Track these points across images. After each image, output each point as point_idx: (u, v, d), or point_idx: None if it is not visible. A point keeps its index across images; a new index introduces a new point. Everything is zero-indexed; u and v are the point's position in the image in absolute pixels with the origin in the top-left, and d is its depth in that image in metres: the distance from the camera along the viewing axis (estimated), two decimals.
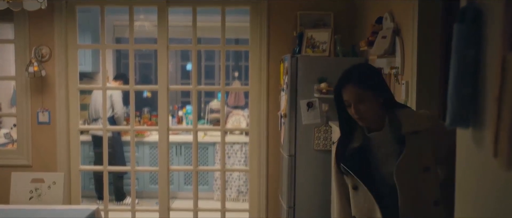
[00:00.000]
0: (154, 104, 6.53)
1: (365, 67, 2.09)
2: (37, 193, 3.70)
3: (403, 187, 1.91)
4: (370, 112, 1.91)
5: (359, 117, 1.91)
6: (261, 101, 4.18)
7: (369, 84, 1.91)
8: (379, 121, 1.94)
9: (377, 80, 1.97)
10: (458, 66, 1.17)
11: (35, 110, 4.20)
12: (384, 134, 1.94)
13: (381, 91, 1.94)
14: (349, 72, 1.96)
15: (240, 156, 6.38)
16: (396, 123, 1.91)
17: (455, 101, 1.20)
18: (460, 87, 1.19)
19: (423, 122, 1.92)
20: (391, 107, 1.95)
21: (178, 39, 7.22)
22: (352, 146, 2.00)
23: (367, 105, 1.89)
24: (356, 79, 1.91)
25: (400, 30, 2.85)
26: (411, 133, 1.89)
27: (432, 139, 1.90)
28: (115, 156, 5.95)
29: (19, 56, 4.17)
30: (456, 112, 1.22)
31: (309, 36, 3.89)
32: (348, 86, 1.91)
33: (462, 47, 1.16)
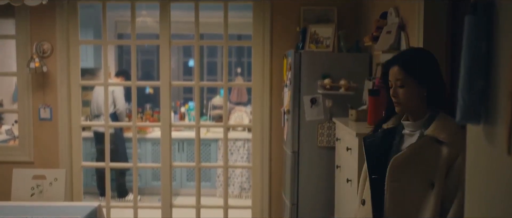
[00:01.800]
0: (156, 100, 6.52)
1: (419, 53, 1.94)
2: (39, 190, 3.68)
3: (395, 190, 1.80)
4: (408, 99, 1.82)
5: (396, 100, 1.84)
6: (264, 97, 4.15)
7: (416, 71, 1.81)
8: (418, 113, 1.85)
9: (428, 70, 1.84)
10: (469, 59, 1.14)
11: (37, 106, 4.17)
12: (415, 126, 1.86)
13: (429, 83, 1.82)
14: (401, 54, 1.90)
15: (243, 152, 6.35)
16: (430, 122, 1.81)
17: (466, 95, 1.16)
18: (471, 81, 1.16)
19: (452, 135, 1.76)
20: (439, 106, 1.83)
21: (180, 35, 7.19)
22: (385, 125, 1.96)
23: (406, 92, 1.81)
24: (403, 62, 1.83)
25: (405, 25, 2.81)
26: (434, 138, 1.77)
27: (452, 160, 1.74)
28: (117, 153, 5.93)
29: (21, 52, 4.15)
30: (467, 107, 1.18)
31: (312, 32, 3.85)
32: (394, 66, 1.84)
33: (474, 39, 1.12)
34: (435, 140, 1.76)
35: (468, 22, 1.12)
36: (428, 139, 1.78)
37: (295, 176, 3.67)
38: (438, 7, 2.51)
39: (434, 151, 1.76)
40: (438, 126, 1.78)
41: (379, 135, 1.95)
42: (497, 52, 1.22)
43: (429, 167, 1.76)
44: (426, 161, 1.77)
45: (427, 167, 1.76)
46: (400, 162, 1.80)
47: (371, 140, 1.97)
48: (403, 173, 1.79)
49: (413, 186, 1.78)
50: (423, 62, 1.85)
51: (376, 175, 1.87)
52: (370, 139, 1.97)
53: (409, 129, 1.88)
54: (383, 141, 1.92)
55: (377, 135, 1.96)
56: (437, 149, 1.76)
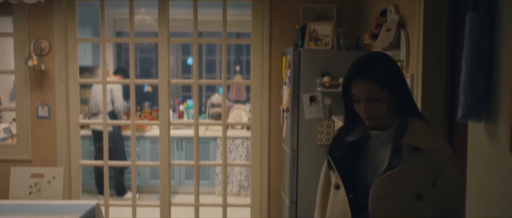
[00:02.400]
0: (154, 99, 6.50)
1: (384, 60, 1.73)
2: (37, 188, 3.66)
3: (380, 208, 1.66)
4: (381, 112, 1.68)
5: (367, 116, 1.68)
6: (263, 95, 4.14)
7: (386, 82, 1.65)
8: (388, 121, 1.72)
9: (396, 77, 1.70)
10: (471, 57, 1.13)
11: (35, 104, 4.16)
12: (385, 136, 1.72)
13: (399, 90, 1.69)
14: (364, 64, 1.69)
15: (241, 150, 6.34)
16: (403, 130, 1.69)
17: (468, 93, 1.16)
18: (473, 79, 1.15)
19: (431, 140, 1.68)
20: (406, 111, 1.72)
21: (179, 33, 7.18)
22: (349, 138, 1.79)
23: (380, 105, 1.66)
24: (371, 74, 1.65)
25: (405, 22, 2.80)
26: (412, 147, 1.65)
27: (435, 166, 1.65)
28: (116, 151, 5.92)
29: (18, 50, 4.13)
30: (469, 105, 1.17)
31: (311, 29, 3.84)
32: (360, 80, 1.66)
33: (476, 36, 1.11)
34: (413, 148, 1.65)
35: (470, 19, 1.11)
36: (407, 148, 1.65)
37: (294, 174, 3.66)
38: (438, 4, 2.49)
39: (416, 161, 1.65)
40: (414, 133, 1.67)
41: (346, 149, 1.79)
42: (499, 50, 1.20)
43: (414, 178, 1.65)
44: (409, 173, 1.65)
45: (412, 179, 1.65)
46: (385, 180, 1.66)
47: (339, 155, 1.81)
48: (387, 190, 1.66)
49: (399, 201, 1.67)
50: (390, 67, 1.70)
51: (352, 192, 1.74)
52: (337, 154, 1.82)
53: (378, 139, 1.75)
54: (352, 155, 1.78)
55: (343, 149, 1.80)
56: (418, 157, 1.65)
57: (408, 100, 1.74)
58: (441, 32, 2.46)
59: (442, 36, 2.48)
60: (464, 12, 1.65)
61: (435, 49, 2.46)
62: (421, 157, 1.64)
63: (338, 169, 1.78)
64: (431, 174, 1.66)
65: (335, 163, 1.80)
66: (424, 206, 1.66)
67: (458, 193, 1.70)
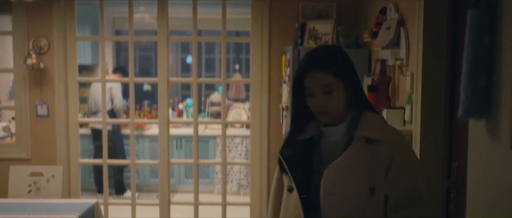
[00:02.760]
0: (154, 98, 6.49)
1: (338, 51, 1.66)
2: (36, 187, 3.66)
3: (331, 204, 1.58)
4: (338, 106, 1.60)
5: (323, 111, 1.60)
6: (262, 93, 4.13)
7: (342, 72, 1.59)
8: (341, 116, 1.64)
9: (351, 68, 1.64)
10: (472, 55, 1.12)
11: (34, 102, 4.15)
12: (338, 131, 1.64)
13: (353, 82, 1.62)
14: (318, 55, 1.61)
15: (241, 149, 6.34)
16: (356, 124, 1.62)
17: (468, 91, 1.15)
18: (474, 76, 1.14)
19: (383, 131, 1.62)
20: (358, 104, 1.65)
21: (178, 32, 7.16)
22: (301, 137, 1.69)
23: (336, 98, 1.58)
24: (327, 65, 1.57)
25: (405, 21, 2.79)
26: (365, 140, 1.59)
27: (389, 158, 1.58)
28: (115, 150, 5.91)
29: (17, 48, 4.12)
30: (469, 103, 1.16)
31: (311, 28, 3.84)
32: (315, 71, 1.57)
33: (476, 34, 1.11)
34: (366, 140, 1.59)
35: (470, 17, 1.11)
36: (359, 141, 1.60)
37: None
38: (438, 2, 2.48)
39: (368, 153, 1.58)
40: (366, 125, 1.61)
41: (299, 148, 1.69)
42: (499, 48, 1.20)
43: (366, 171, 1.58)
44: (361, 165, 1.59)
45: (364, 172, 1.58)
46: (335, 172, 1.59)
47: (291, 154, 1.70)
48: (338, 184, 1.59)
49: (351, 196, 1.59)
50: (345, 58, 1.65)
51: (305, 194, 1.63)
52: (289, 153, 1.71)
53: (332, 135, 1.67)
54: (304, 154, 1.68)
55: (296, 148, 1.70)
56: (371, 150, 1.59)
57: (361, 94, 1.68)
58: (441, 31, 2.45)
59: (442, 34, 2.47)
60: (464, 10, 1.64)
61: (435, 48, 2.45)
62: (374, 149, 1.58)
63: (291, 170, 1.67)
64: (384, 166, 1.59)
65: (288, 164, 1.68)
66: (377, 201, 1.58)
67: (413, 184, 1.60)
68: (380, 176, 1.58)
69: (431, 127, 2.45)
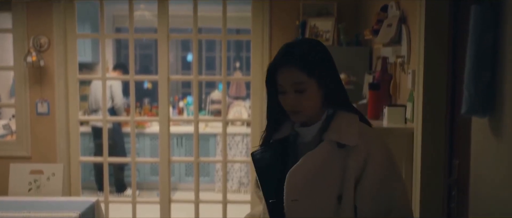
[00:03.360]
0: (154, 96, 6.47)
1: (315, 47, 1.52)
2: (36, 185, 3.65)
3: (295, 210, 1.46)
4: (311, 106, 1.48)
5: (293, 110, 1.48)
6: (263, 91, 4.12)
7: (317, 70, 1.46)
8: (316, 115, 1.52)
9: (328, 65, 1.50)
10: (475, 51, 1.11)
11: (34, 100, 4.14)
12: (311, 132, 1.53)
13: (329, 81, 1.49)
14: (292, 49, 1.49)
15: (241, 147, 6.33)
16: (327, 124, 1.51)
17: (472, 88, 1.14)
18: (477, 73, 1.12)
19: (355, 134, 1.47)
20: (335, 103, 1.53)
21: (179, 29, 7.15)
22: (276, 137, 1.59)
23: (308, 97, 1.46)
24: (300, 60, 1.45)
25: (406, 18, 2.78)
26: (336, 143, 1.46)
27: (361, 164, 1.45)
28: (116, 147, 5.91)
29: (17, 46, 4.11)
30: (473, 100, 1.15)
31: (312, 25, 3.82)
32: (287, 67, 1.46)
33: (480, 30, 1.09)
34: (336, 144, 1.47)
35: (474, 13, 1.09)
36: (327, 144, 1.47)
37: None
38: None
39: (337, 158, 1.46)
40: (337, 127, 1.48)
41: (270, 149, 1.59)
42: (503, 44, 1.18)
43: (334, 177, 1.46)
44: (329, 170, 1.46)
45: (332, 178, 1.46)
46: (298, 176, 1.47)
47: (262, 156, 1.60)
48: (303, 189, 1.47)
49: (317, 203, 1.46)
50: (321, 54, 1.51)
51: (274, 198, 1.52)
52: (259, 155, 1.61)
53: (305, 136, 1.55)
54: (277, 156, 1.57)
55: (268, 149, 1.60)
56: (340, 154, 1.46)
57: (338, 92, 1.54)
58: (442, 28, 2.44)
59: (444, 31, 2.46)
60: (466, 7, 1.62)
61: (436, 45, 2.44)
62: (345, 154, 1.46)
63: (260, 172, 1.57)
64: (356, 171, 1.46)
65: (257, 166, 1.58)
66: (344, 210, 1.46)
67: (388, 197, 1.46)
68: (349, 184, 1.45)
69: (433, 124, 2.44)
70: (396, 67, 2.90)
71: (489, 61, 1.13)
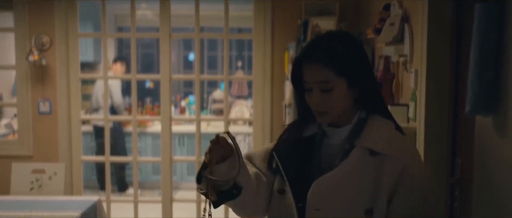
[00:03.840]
0: (156, 95, 6.48)
1: (346, 40, 1.37)
2: (38, 184, 3.65)
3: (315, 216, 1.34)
4: (338, 106, 1.36)
5: (319, 110, 1.36)
6: (265, 90, 4.12)
7: (347, 67, 1.32)
8: (345, 117, 1.40)
9: (360, 62, 1.35)
10: (480, 49, 1.09)
11: (36, 99, 4.14)
12: (340, 134, 1.41)
13: (361, 80, 1.35)
14: (320, 42, 1.35)
15: (243, 146, 6.33)
16: (360, 128, 1.38)
17: (476, 86, 1.12)
18: (482, 71, 1.11)
19: (392, 143, 1.34)
20: (369, 106, 1.40)
21: (181, 29, 7.15)
22: (302, 134, 1.46)
23: (334, 98, 1.34)
24: (327, 56, 1.31)
25: (409, 16, 2.77)
26: (368, 150, 1.33)
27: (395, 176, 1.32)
28: (117, 147, 5.91)
29: (19, 45, 4.11)
30: (477, 98, 1.13)
31: (314, 24, 3.81)
32: (313, 63, 1.33)
33: (484, 28, 1.08)
34: (370, 152, 1.33)
35: (478, 11, 1.08)
36: (360, 151, 1.34)
37: None
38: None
39: (369, 167, 1.33)
40: (371, 133, 1.35)
41: (296, 147, 1.45)
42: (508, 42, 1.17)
43: (364, 188, 1.33)
44: (359, 181, 1.33)
45: (361, 189, 1.33)
46: (326, 185, 1.34)
47: (287, 153, 1.45)
48: (328, 199, 1.34)
49: (341, 215, 1.33)
50: (353, 53, 1.35)
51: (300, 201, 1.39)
52: (285, 152, 1.46)
53: (333, 137, 1.43)
54: (302, 155, 1.44)
55: (292, 147, 1.45)
56: (372, 163, 1.33)
57: (372, 93, 1.40)
58: (445, 26, 2.42)
59: (447, 30, 2.44)
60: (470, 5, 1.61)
61: (439, 44, 2.42)
62: (378, 163, 1.32)
63: (285, 172, 1.42)
64: (389, 184, 1.32)
65: (282, 164, 1.43)
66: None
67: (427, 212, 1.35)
68: (381, 197, 1.32)
69: (435, 124, 2.42)
70: (399, 66, 2.89)
71: (493, 60, 1.12)
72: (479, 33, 1.10)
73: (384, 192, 1.32)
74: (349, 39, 1.38)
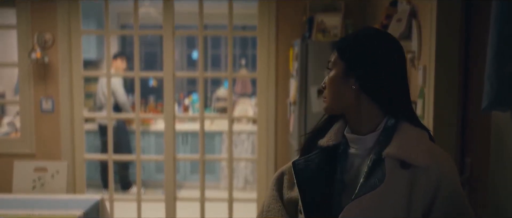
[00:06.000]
0: (160, 93, 6.45)
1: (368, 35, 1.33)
2: (40, 182, 3.62)
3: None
4: (332, 92, 1.32)
5: (321, 90, 1.37)
6: (269, 88, 4.07)
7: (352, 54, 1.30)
8: (371, 123, 1.31)
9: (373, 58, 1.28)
10: (497, 43, 1.05)
11: (38, 97, 4.11)
12: (364, 142, 1.31)
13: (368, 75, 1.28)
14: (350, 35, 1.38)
15: (247, 145, 6.29)
16: (388, 137, 1.28)
17: (494, 81, 1.08)
18: (499, 66, 1.07)
19: (425, 152, 1.23)
20: (397, 113, 1.30)
21: (184, 26, 7.12)
22: (322, 143, 1.38)
23: (332, 79, 1.32)
24: (340, 41, 1.36)
25: (416, 12, 2.72)
26: (399, 162, 1.23)
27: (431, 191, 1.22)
28: (121, 145, 5.88)
29: (22, 43, 4.08)
30: (495, 93, 1.09)
31: (319, 21, 3.77)
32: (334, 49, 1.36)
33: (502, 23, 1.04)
34: (400, 163, 1.23)
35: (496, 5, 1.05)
36: (391, 164, 1.23)
37: None
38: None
39: (402, 182, 1.22)
40: (402, 142, 1.25)
41: (315, 158, 1.36)
42: None
43: (397, 206, 1.22)
44: (393, 198, 1.22)
45: (396, 206, 1.22)
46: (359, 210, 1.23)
47: (305, 166, 1.36)
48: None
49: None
50: (369, 46, 1.30)
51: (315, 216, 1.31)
52: (302, 165, 1.37)
53: (355, 146, 1.33)
54: (322, 167, 1.35)
55: (312, 159, 1.37)
56: (403, 176, 1.23)
57: (394, 98, 1.30)
58: (455, 21, 2.38)
59: (456, 26, 2.40)
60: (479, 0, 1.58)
61: (448, 40, 2.38)
62: (411, 177, 1.22)
63: (302, 189, 1.33)
64: (424, 199, 1.23)
65: (299, 181, 1.34)
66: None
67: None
68: (417, 212, 1.22)
69: (444, 121, 2.38)
70: (406, 63, 2.84)
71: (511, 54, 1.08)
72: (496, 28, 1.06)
73: (418, 208, 1.22)
74: (375, 37, 1.33)
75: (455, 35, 2.38)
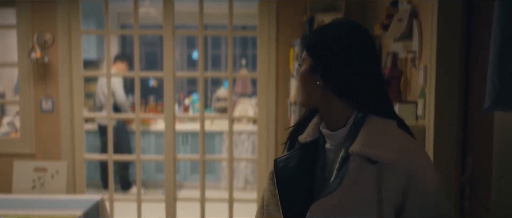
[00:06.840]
0: (160, 93, 6.44)
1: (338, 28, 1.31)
2: (40, 182, 3.62)
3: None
4: (301, 86, 1.31)
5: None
6: (269, 88, 4.07)
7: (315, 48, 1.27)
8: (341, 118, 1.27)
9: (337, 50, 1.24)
10: (500, 43, 1.05)
11: (38, 97, 4.10)
12: (335, 138, 1.28)
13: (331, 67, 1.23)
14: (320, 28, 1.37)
15: (247, 145, 6.28)
16: (355, 132, 1.24)
17: (496, 81, 1.07)
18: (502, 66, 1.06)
19: (393, 147, 1.18)
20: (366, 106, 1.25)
21: (184, 26, 7.12)
22: (300, 138, 1.35)
23: (301, 76, 1.30)
24: (309, 36, 1.35)
25: (417, 12, 2.71)
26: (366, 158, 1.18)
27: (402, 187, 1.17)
28: (121, 145, 5.87)
29: (21, 42, 4.07)
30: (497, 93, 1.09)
31: (319, 21, 3.76)
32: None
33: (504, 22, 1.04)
34: (369, 159, 1.18)
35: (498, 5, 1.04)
36: (357, 161, 1.19)
37: None
38: None
39: (370, 178, 1.17)
40: (368, 137, 1.20)
41: (295, 155, 1.33)
42: None
43: (366, 203, 1.17)
44: (359, 194, 1.18)
45: (363, 203, 1.18)
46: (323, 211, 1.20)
47: (285, 164, 1.33)
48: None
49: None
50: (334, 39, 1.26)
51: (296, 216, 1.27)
52: (283, 162, 1.34)
53: (330, 141, 1.30)
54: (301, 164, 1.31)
55: (293, 155, 1.34)
56: (372, 172, 1.18)
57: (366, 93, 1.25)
58: (456, 21, 2.37)
59: (457, 25, 2.39)
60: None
61: (450, 39, 2.37)
62: (380, 173, 1.17)
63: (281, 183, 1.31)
64: (395, 197, 1.18)
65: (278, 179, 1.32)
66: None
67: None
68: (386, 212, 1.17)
69: (445, 121, 2.37)
70: (407, 63, 2.84)
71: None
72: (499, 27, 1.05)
73: (389, 205, 1.17)
74: (343, 30, 1.30)
75: (456, 35, 2.37)
